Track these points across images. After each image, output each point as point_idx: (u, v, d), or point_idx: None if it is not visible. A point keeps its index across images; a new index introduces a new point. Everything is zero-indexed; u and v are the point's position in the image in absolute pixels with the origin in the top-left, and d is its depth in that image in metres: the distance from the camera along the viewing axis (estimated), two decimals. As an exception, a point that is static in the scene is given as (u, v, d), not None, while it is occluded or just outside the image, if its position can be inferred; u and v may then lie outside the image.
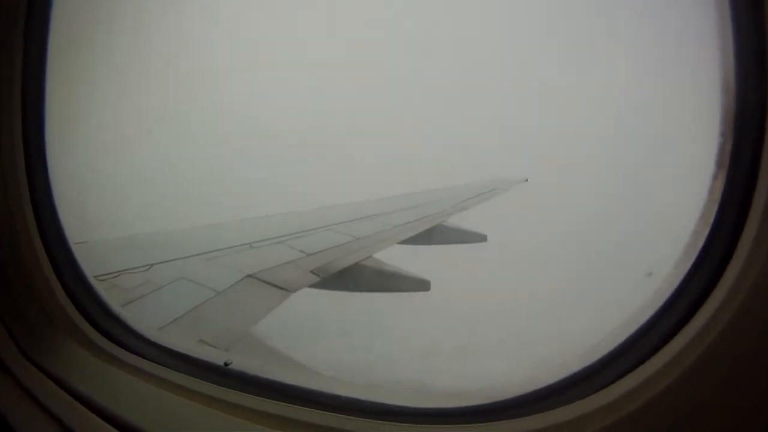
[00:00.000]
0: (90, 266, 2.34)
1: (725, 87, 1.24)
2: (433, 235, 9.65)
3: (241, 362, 1.99)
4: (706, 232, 1.28)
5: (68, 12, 2.15)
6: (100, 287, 2.33)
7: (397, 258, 8.24)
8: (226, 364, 1.98)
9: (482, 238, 10.52)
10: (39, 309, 2.15)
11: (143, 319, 2.38)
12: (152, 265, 6.17)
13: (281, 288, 6.30)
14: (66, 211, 2.25)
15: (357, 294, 7.66)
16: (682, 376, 1.20)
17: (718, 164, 1.26)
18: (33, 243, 2.11)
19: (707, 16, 1.26)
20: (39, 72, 2.04)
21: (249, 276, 6.40)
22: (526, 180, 15.24)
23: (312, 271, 6.92)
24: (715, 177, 1.27)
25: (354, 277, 7.31)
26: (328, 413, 1.66)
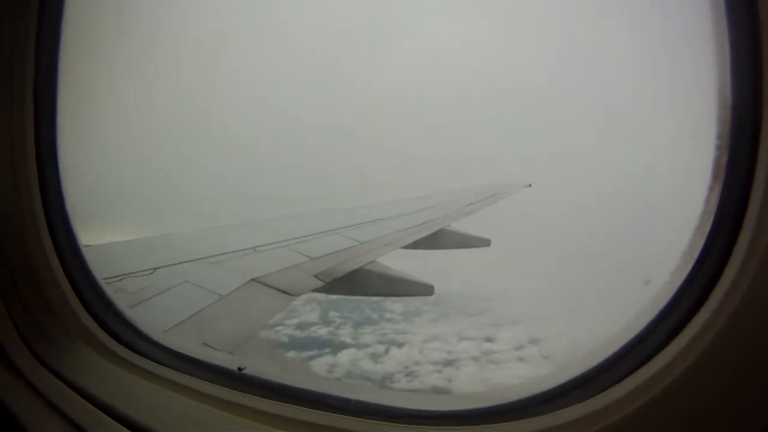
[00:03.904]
0: (95, 270, 2.36)
1: (722, 102, 1.27)
2: (437, 239, 9.64)
3: (252, 366, 2.01)
4: (702, 241, 1.32)
5: (81, 15, 2.16)
6: (109, 291, 2.35)
7: (402, 262, 8.25)
8: (239, 369, 2.00)
9: (486, 243, 10.50)
10: (50, 313, 2.17)
11: (148, 323, 2.41)
12: (156, 268, 6.19)
13: (285, 292, 6.31)
14: (75, 215, 2.27)
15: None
16: (679, 380, 1.23)
17: (714, 177, 1.29)
18: (44, 247, 2.13)
19: (705, 32, 1.30)
20: (51, 75, 2.06)
21: (253, 280, 6.41)
22: (530, 185, 15.19)
23: (316, 276, 6.94)
24: (711, 189, 1.30)
25: (358, 281, 7.32)
26: (338, 415, 1.69)
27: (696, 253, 1.32)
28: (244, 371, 2.00)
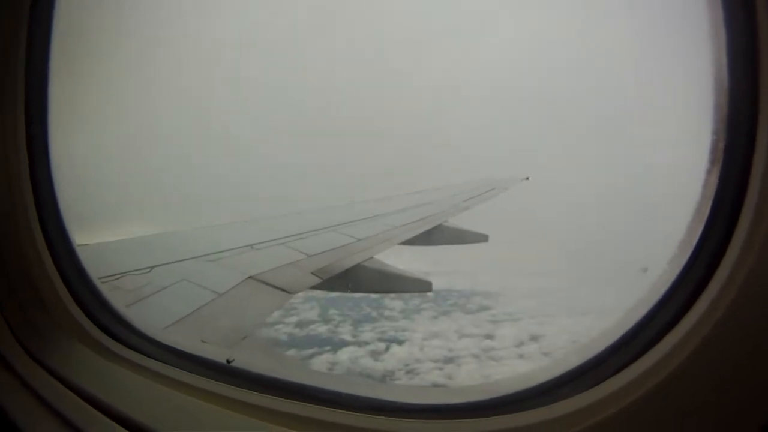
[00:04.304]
0: (92, 268, 2.34)
1: (718, 86, 1.25)
2: (435, 235, 9.64)
3: (244, 360, 2.00)
4: (699, 228, 1.30)
5: (73, 12, 2.15)
6: (103, 288, 2.34)
7: (400, 259, 8.25)
8: (228, 362, 1.99)
9: (483, 238, 10.50)
10: (44, 310, 2.16)
11: (145, 321, 2.40)
12: (154, 267, 6.18)
13: (282, 290, 6.30)
14: (69, 214, 2.26)
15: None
16: (676, 373, 1.22)
17: (712, 162, 1.28)
18: (37, 245, 2.13)
19: (701, 16, 1.28)
20: (43, 73, 2.05)
21: (250, 277, 6.40)
22: (527, 179, 15.18)
23: (313, 273, 6.93)
24: (708, 174, 1.29)
25: (356, 278, 7.31)
26: (329, 409, 1.68)
27: (694, 240, 1.30)
28: (234, 364, 1.99)
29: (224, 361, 2.02)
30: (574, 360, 1.49)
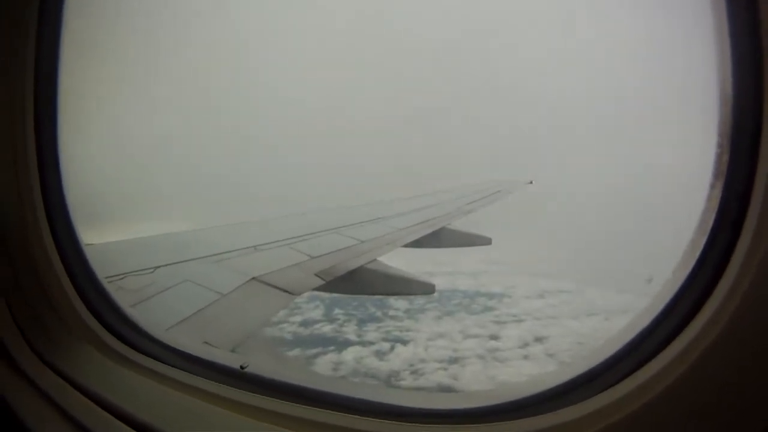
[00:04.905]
0: (97, 268, 2.36)
1: (723, 99, 1.26)
2: (438, 238, 9.62)
3: (252, 364, 2.01)
4: (703, 239, 1.31)
5: (82, 15, 2.17)
6: (111, 290, 2.35)
7: (404, 261, 8.24)
8: (242, 368, 2.00)
9: (487, 241, 10.49)
10: (53, 312, 2.17)
11: (150, 321, 2.41)
12: (158, 267, 6.19)
13: (286, 291, 6.30)
14: (77, 213, 2.28)
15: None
16: (682, 378, 1.23)
17: (716, 174, 1.29)
18: (45, 245, 2.14)
19: (706, 29, 1.29)
20: (52, 74, 2.07)
21: (254, 279, 6.40)
22: (530, 182, 15.19)
23: (317, 274, 6.92)
24: (712, 186, 1.30)
25: (359, 280, 7.30)
26: (341, 414, 1.68)
27: (698, 251, 1.32)
28: (247, 369, 2.00)
29: (234, 365, 2.02)
30: (581, 366, 1.50)
